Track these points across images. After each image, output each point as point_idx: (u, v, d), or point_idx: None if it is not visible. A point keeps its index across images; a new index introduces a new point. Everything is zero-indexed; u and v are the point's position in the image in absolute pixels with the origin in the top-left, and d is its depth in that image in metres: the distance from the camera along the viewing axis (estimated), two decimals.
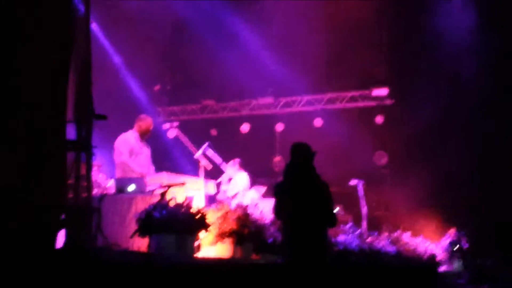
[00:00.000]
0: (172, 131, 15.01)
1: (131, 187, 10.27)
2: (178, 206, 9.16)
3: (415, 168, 16.91)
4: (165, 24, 19.37)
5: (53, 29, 7.68)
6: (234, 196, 13.26)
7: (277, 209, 8.28)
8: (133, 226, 9.12)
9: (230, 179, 14.16)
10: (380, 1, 17.70)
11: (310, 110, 19.72)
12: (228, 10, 18.28)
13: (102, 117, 8.68)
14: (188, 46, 18.94)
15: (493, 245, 15.21)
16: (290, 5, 17.91)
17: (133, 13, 17.49)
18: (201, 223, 9.23)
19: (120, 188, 10.37)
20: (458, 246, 14.46)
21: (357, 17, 17.32)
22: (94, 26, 12.29)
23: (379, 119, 18.83)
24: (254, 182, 14.81)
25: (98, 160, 11.54)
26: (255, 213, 10.50)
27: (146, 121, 12.18)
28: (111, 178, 11.76)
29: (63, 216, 7.64)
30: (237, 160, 14.52)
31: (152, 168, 12.22)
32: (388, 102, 18.77)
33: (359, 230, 12.51)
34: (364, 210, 14.35)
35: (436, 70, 17.48)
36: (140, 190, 10.32)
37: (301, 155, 8.22)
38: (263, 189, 14.57)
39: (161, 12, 18.97)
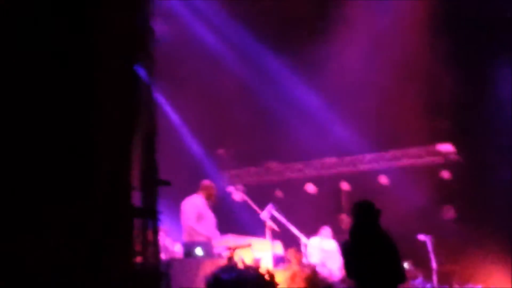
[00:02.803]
0: (237, 194, 15.06)
1: (199, 251, 10.32)
2: (246, 267, 9.17)
3: (484, 222, 16.62)
4: (226, 88, 19.58)
5: (120, 99, 7.86)
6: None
7: (348, 269, 8.23)
8: None
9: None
10: (442, 59, 17.51)
11: (374, 168, 19.61)
12: (286, 71, 18.35)
13: (167, 183, 8.77)
14: (248, 108, 19.02)
15: None
16: (346, 55, 17.75)
17: (195, 76, 17.74)
18: (270, 284, 9.20)
19: (188, 252, 10.45)
20: None
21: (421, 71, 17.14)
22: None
23: (445, 174, 18.62)
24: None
25: (163, 225, 11.63)
26: (323, 272, 10.43)
27: (211, 187, 12.35)
28: (177, 241, 11.81)
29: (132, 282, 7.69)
30: (327, 227, 14.56)
31: (217, 233, 12.25)
32: (454, 157, 18.58)
33: (429, 285, 12.29)
34: (434, 264, 14.15)
35: (498, 134, 17.21)
36: (208, 253, 10.36)
37: (363, 213, 8.16)
38: None
39: (221, 75, 19.21)
